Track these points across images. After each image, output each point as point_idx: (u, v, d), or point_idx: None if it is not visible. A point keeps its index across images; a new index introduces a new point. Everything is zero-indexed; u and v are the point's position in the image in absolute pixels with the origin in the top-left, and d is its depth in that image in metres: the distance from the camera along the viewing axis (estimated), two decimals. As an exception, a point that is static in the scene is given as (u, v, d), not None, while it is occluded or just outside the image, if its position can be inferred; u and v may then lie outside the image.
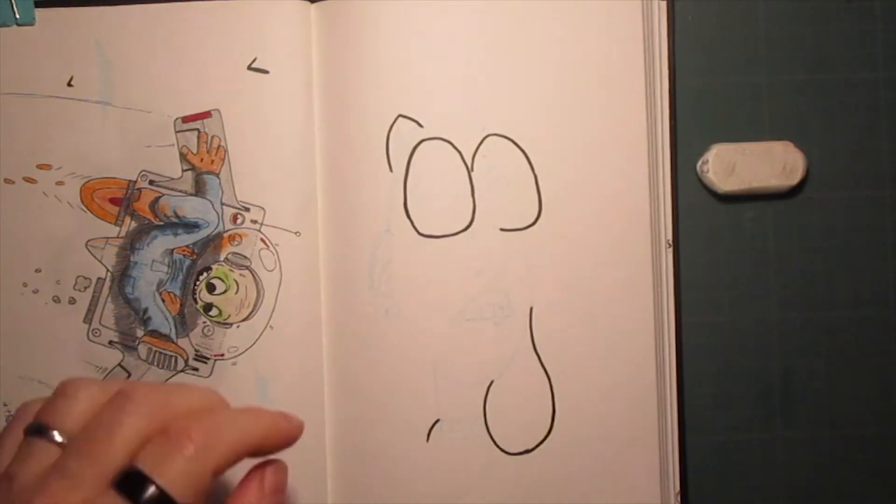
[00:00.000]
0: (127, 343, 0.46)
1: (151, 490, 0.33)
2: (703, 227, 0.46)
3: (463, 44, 0.45)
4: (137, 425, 0.34)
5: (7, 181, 0.46)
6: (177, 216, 0.45)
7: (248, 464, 0.37)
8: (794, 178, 0.46)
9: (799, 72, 0.47)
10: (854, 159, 0.47)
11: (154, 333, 0.46)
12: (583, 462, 0.45)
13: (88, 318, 0.45)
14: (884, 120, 0.46)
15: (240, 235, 0.44)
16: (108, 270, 0.45)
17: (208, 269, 0.45)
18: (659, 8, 0.45)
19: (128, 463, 0.34)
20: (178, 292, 0.45)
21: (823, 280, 0.47)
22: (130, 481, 0.33)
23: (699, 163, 0.46)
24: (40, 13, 0.46)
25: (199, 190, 0.45)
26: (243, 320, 0.45)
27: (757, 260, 0.47)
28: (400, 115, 0.45)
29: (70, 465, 0.33)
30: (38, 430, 0.35)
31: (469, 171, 0.45)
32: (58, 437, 0.34)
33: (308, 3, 0.45)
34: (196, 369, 0.45)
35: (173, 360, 0.46)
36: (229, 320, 0.45)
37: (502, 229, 0.45)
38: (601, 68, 0.44)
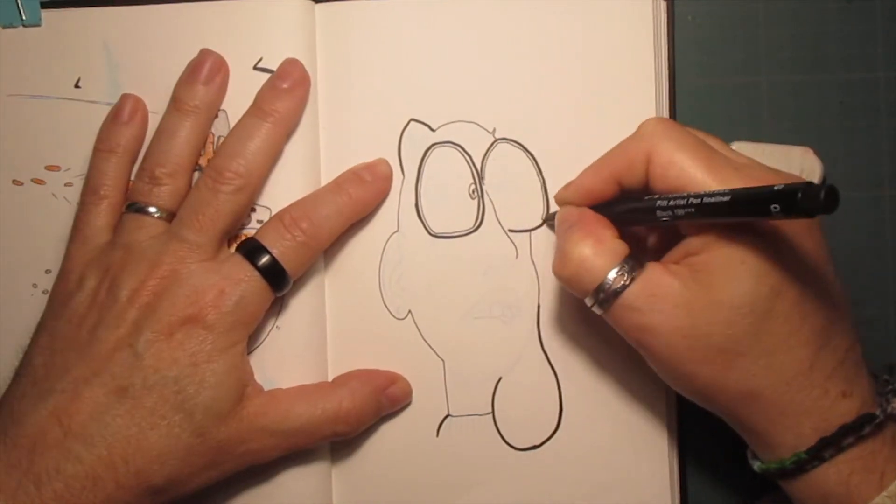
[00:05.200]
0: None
1: (267, 258, 0.41)
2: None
3: (473, 47, 0.45)
4: (234, 197, 0.41)
5: (15, 182, 0.46)
6: (185, 217, 0.46)
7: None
8: None
9: (799, 72, 0.47)
10: (854, 159, 0.47)
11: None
12: (590, 458, 0.45)
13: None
14: (884, 120, 0.46)
15: (246, 236, 0.44)
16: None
17: (217, 269, 0.45)
18: (659, 8, 0.45)
19: (235, 228, 0.43)
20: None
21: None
22: (251, 249, 0.41)
23: None
24: (46, 14, 0.46)
25: (207, 191, 0.45)
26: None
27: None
28: (412, 120, 0.45)
29: (185, 233, 0.41)
30: (139, 209, 0.42)
31: (479, 174, 0.45)
32: (157, 214, 0.42)
33: (312, 3, 0.45)
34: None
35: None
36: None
37: (510, 230, 0.45)
38: (611, 72, 0.45)
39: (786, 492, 0.39)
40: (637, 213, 0.39)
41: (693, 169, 0.37)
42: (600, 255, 0.38)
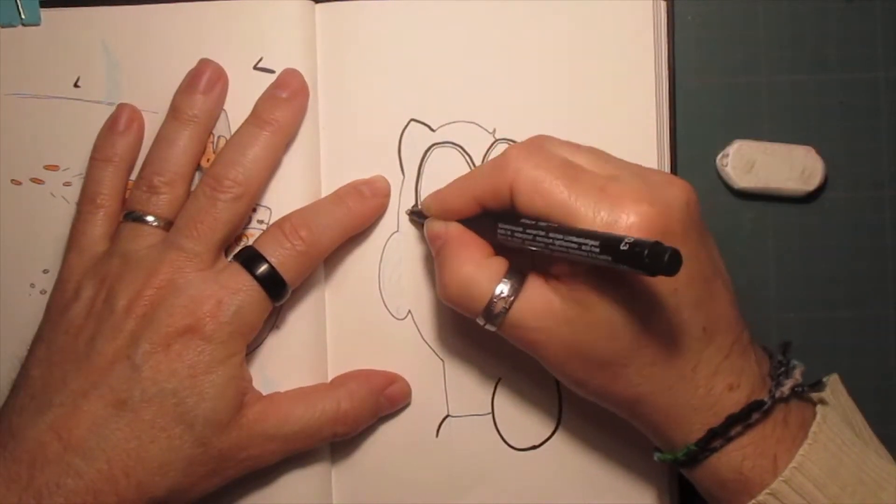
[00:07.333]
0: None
1: (265, 267, 0.41)
2: (714, 222, 0.45)
3: (473, 47, 0.45)
4: (233, 206, 0.41)
5: (14, 182, 0.46)
6: (185, 217, 0.45)
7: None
8: (812, 184, 0.46)
9: (799, 72, 0.47)
10: (854, 159, 0.47)
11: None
12: (590, 458, 0.45)
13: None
14: (884, 120, 0.46)
15: (246, 236, 0.44)
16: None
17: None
18: (659, 8, 0.45)
19: (232, 237, 0.43)
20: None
21: (823, 280, 0.47)
22: (249, 258, 0.41)
23: (719, 156, 0.46)
24: (46, 13, 0.45)
25: (206, 191, 0.45)
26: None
27: (757, 259, 0.47)
28: (412, 120, 0.45)
29: (182, 242, 0.40)
30: (136, 218, 0.42)
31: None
32: (154, 223, 0.42)
33: (312, 3, 0.45)
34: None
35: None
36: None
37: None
38: (611, 72, 0.45)
39: (689, 479, 0.40)
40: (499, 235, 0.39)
41: (558, 196, 0.36)
42: (481, 277, 0.39)
